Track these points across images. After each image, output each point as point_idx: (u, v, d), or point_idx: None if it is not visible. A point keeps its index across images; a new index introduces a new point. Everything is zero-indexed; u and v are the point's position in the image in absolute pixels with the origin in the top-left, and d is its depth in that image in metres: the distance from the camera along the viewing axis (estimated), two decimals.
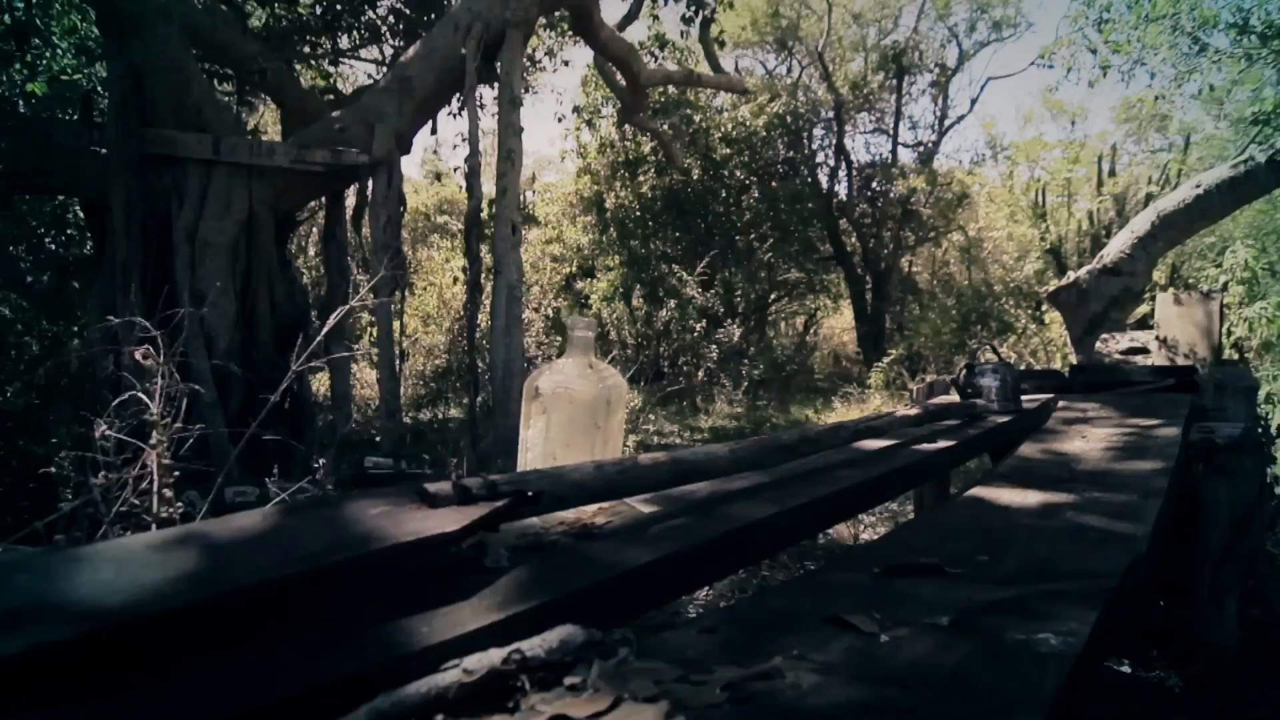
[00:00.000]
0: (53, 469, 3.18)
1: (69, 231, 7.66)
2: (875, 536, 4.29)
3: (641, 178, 13.39)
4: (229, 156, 5.20)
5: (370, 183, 5.61)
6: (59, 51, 6.23)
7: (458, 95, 6.05)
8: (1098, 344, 6.02)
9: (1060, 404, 2.64)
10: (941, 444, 1.72)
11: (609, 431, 1.03)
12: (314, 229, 10.76)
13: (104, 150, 5.16)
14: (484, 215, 5.83)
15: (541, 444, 1.00)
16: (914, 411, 1.78)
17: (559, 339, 13.55)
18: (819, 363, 16.77)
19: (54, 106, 6.32)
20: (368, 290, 4.61)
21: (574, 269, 14.52)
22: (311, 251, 11.95)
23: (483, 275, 5.45)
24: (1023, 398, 2.48)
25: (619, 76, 8.43)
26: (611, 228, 13.81)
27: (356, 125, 5.55)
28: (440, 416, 6.35)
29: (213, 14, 6.19)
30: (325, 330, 3.99)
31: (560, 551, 0.92)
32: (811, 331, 18.81)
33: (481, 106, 7.54)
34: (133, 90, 5.05)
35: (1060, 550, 1.15)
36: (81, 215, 6.43)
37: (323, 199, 6.23)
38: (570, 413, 1.00)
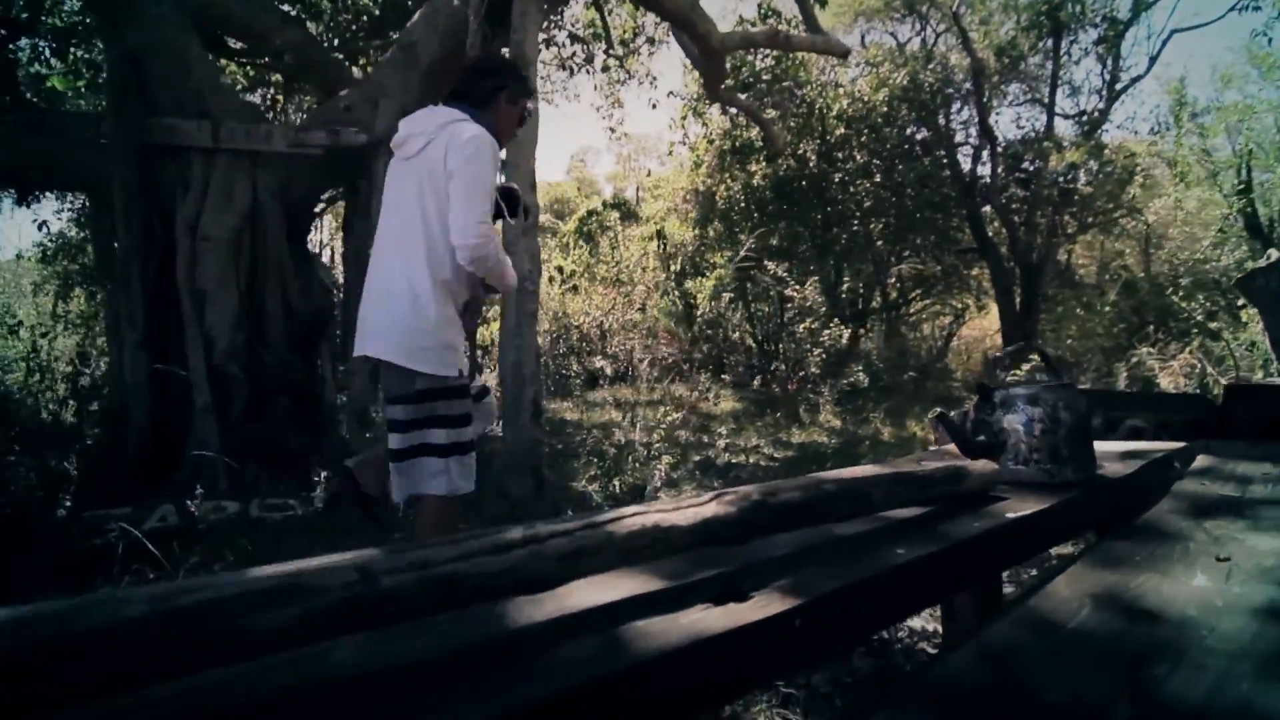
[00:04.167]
0: None
1: None
2: None
3: (753, 167, 12.25)
4: (227, 142, 4.81)
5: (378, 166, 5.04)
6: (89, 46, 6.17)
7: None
8: None
9: (1198, 463, 1.40)
10: (761, 607, 0.61)
11: None
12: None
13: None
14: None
15: None
16: (711, 509, 0.69)
17: (661, 344, 12.70)
18: (961, 367, 14.79)
19: (74, 100, 6.29)
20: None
21: (681, 266, 13.63)
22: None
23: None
24: (1118, 447, 1.31)
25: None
26: (716, 221, 12.77)
27: (362, 104, 5.02)
28: None
29: None
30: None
31: None
32: (955, 333, 16.75)
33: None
34: (131, 77, 4.77)
35: None
36: None
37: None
38: None
